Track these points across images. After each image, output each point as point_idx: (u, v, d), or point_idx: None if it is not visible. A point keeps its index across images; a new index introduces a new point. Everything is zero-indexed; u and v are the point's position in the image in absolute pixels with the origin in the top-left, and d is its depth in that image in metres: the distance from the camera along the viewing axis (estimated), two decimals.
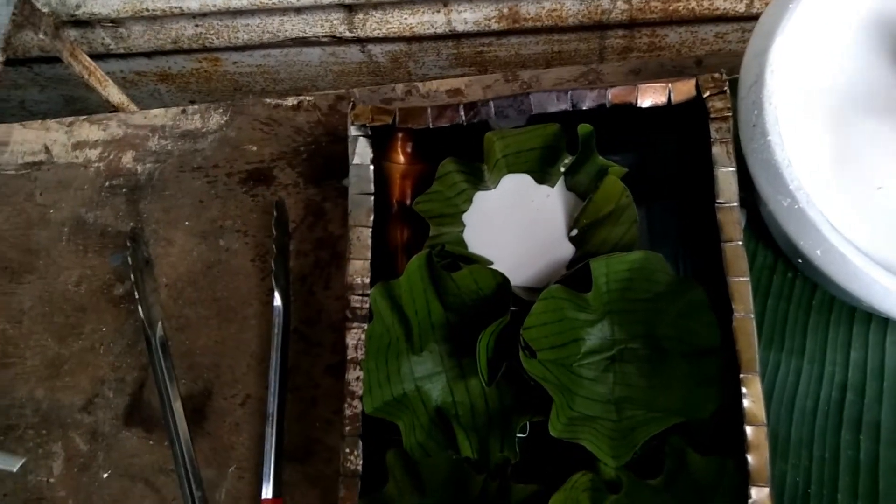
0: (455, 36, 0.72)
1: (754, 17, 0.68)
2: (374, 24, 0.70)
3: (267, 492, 0.48)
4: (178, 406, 0.51)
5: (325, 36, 0.72)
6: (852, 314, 0.48)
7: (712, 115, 0.42)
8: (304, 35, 0.71)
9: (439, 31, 0.71)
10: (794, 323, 0.48)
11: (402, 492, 0.44)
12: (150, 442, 0.52)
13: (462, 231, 0.51)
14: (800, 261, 0.46)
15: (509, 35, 0.72)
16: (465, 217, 0.51)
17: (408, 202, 0.53)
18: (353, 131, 0.45)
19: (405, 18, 0.69)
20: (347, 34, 0.71)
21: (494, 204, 0.51)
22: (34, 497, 0.51)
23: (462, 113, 0.44)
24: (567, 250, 0.50)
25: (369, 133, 0.45)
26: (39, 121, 0.60)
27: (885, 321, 0.47)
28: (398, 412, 0.46)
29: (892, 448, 0.45)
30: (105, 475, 0.51)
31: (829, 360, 0.47)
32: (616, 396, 0.47)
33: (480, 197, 0.51)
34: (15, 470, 0.50)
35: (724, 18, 0.69)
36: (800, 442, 0.46)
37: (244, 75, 0.80)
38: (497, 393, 0.48)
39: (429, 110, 0.44)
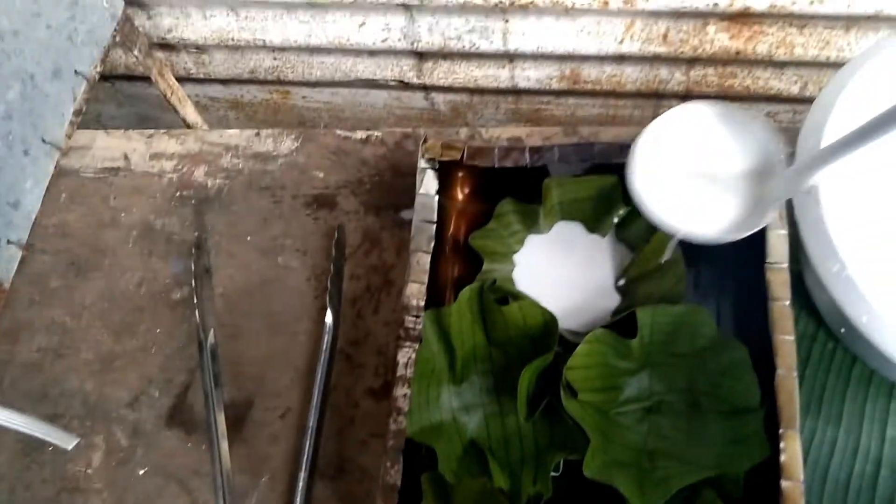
0: (516, 92, 0.76)
1: (807, 100, 0.71)
2: (442, 73, 0.73)
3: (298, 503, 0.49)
4: (220, 411, 0.53)
5: (394, 80, 0.75)
6: (891, 390, 0.48)
7: None
8: (374, 77, 0.75)
9: (502, 85, 0.74)
10: (833, 393, 0.49)
11: None
12: (189, 444, 0.53)
13: (512, 270, 0.53)
14: (842, 330, 0.47)
15: (568, 95, 0.75)
16: (516, 257, 0.53)
17: (460, 238, 0.55)
18: (422, 163, 0.48)
19: (471, 70, 0.73)
20: (415, 80, 0.75)
21: (546, 248, 0.53)
22: (70, 486, 0.53)
23: (527, 155, 0.47)
24: (613, 300, 0.51)
25: (436, 166, 0.48)
26: (122, 130, 0.64)
27: None
28: (436, 437, 0.47)
29: None
30: (141, 472, 0.53)
31: (866, 432, 0.48)
32: (650, 447, 0.48)
33: (532, 240, 0.53)
34: (69, 448, 0.52)
35: (777, 98, 0.72)
36: None
37: (310, 110, 0.84)
38: (532, 431, 0.49)
39: (496, 150, 0.47)
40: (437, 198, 0.47)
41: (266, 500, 0.51)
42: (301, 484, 0.49)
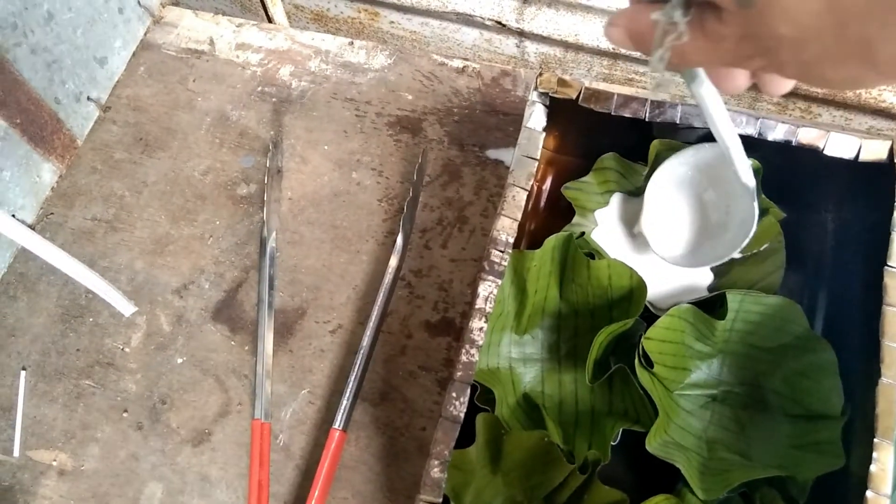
0: (614, 55, 0.72)
1: None
2: (544, 20, 0.70)
3: (339, 422, 0.47)
4: (271, 316, 0.51)
5: (491, 19, 0.72)
6: None
7: None
8: (472, 13, 0.72)
9: (603, 45, 0.71)
10: None
11: (480, 459, 0.43)
12: (232, 343, 0.51)
13: (594, 229, 0.50)
14: None
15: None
16: (600, 215, 0.50)
17: (546, 189, 0.52)
18: (534, 96, 0.45)
19: (576, 23, 0.69)
20: (513, 23, 0.71)
21: (636, 212, 0.50)
22: (105, 360, 0.51)
23: (647, 108, 0.44)
24: (704, 279, 0.49)
25: (548, 102, 0.45)
26: (212, 13, 0.62)
27: None
28: (493, 381, 0.45)
29: None
30: (180, 360, 0.51)
31: None
32: (709, 436, 0.46)
33: (621, 199, 0.50)
34: (127, 315, 0.50)
35: (885, 113, 0.68)
36: None
37: (395, 37, 0.81)
38: (589, 395, 0.47)
39: (615, 96, 0.44)
40: (543, 135, 0.45)
41: (302, 414, 0.49)
42: (346, 403, 0.48)
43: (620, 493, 0.41)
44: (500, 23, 0.72)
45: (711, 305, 0.46)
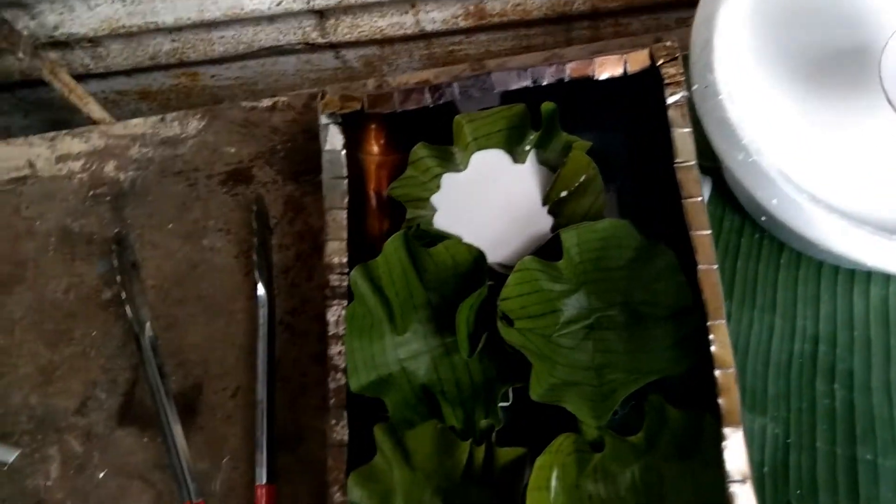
0: (425, 36, 0.74)
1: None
2: (346, 28, 0.72)
3: (261, 477, 0.49)
4: (170, 402, 0.52)
5: (299, 43, 0.73)
6: (819, 269, 0.49)
7: (666, 81, 0.44)
8: (279, 43, 0.73)
9: (409, 31, 0.72)
10: (765, 281, 0.50)
11: (390, 465, 0.45)
12: (145, 439, 0.53)
13: (434, 215, 0.52)
14: (763, 218, 0.47)
15: (477, 32, 0.74)
16: (437, 200, 0.52)
17: (384, 193, 0.54)
18: (323, 119, 0.47)
19: (375, 21, 0.71)
20: (320, 40, 0.73)
21: (463, 185, 0.52)
22: (32, 501, 0.52)
23: (428, 95, 0.46)
24: (544, 226, 0.51)
25: (339, 120, 0.47)
26: (23, 137, 0.62)
27: (851, 273, 0.48)
28: (384, 389, 0.47)
29: (865, 394, 0.46)
30: (101, 475, 0.52)
31: (800, 314, 0.49)
32: (596, 363, 0.48)
33: (451, 179, 0.52)
34: (10, 461, 0.51)
35: (685, 3, 0.72)
36: (777, 395, 0.47)
37: (223, 88, 0.82)
38: (480, 367, 0.49)
39: (395, 94, 0.46)
40: (344, 152, 0.46)
41: (231, 481, 0.51)
42: (262, 457, 0.49)
43: (520, 448, 0.43)
44: (308, 43, 0.74)
45: (557, 249, 0.49)
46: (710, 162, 0.46)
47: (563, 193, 0.50)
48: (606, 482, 0.45)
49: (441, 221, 0.52)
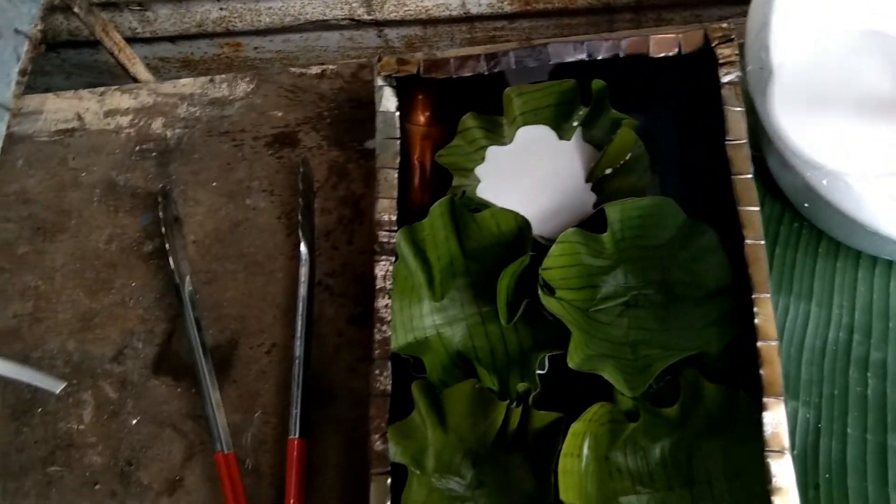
0: (469, 19, 0.75)
1: None
2: (392, 6, 0.73)
3: (294, 430, 0.49)
4: (206, 354, 0.53)
5: (345, 18, 0.74)
6: (857, 259, 0.50)
7: (721, 62, 0.45)
8: (324, 17, 0.74)
9: (454, 13, 0.73)
10: (802, 269, 0.50)
11: (425, 424, 0.45)
12: (178, 390, 0.53)
13: (477, 185, 0.53)
14: (806, 205, 0.48)
15: (521, 18, 0.75)
16: (480, 172, 0.53)
17: (427, 164, 0.55)
18: (379, 81, 0.47)
19: (421, 1, 0.72)
20: (366, 17, 0.74)
21: (509, 158, 0.53)
22: (64, 443, 0.53)
23: (483, 63, 0.47)
24: (587, 202, 0.52)
25: (394, 83, 0.48)
26: (72, 91, 0.63)
27: (888, 264, 0.49)
28: (422, 350, 0.47)
29: None
30: (134, 421, 0.53)
31: (836, 303, 0.49)
32: (631, 339, 0.49)
33: (495, 151, 0.53)
34: (57, 392, 0.52)
35: (728, 1, 0.72)
36: (810, 381, 0.48)
37: (264, 61, 0.83)
38: (516, 336, 0.50)
39: (452, 60, 0.47)
40: (398, 114, 0.47)
41: (262, 435, 0.51)
42: (296, 411, 0.50)
43: (556, 413, 0.44)
44: (353, 19, 0.75)
45: (600, 223, 0.50)
46: (753, 151, 0.46)
47: (608, 171, 0.51)
48: (636, 455, 0.46)
49: (484, 193, 0.52)
